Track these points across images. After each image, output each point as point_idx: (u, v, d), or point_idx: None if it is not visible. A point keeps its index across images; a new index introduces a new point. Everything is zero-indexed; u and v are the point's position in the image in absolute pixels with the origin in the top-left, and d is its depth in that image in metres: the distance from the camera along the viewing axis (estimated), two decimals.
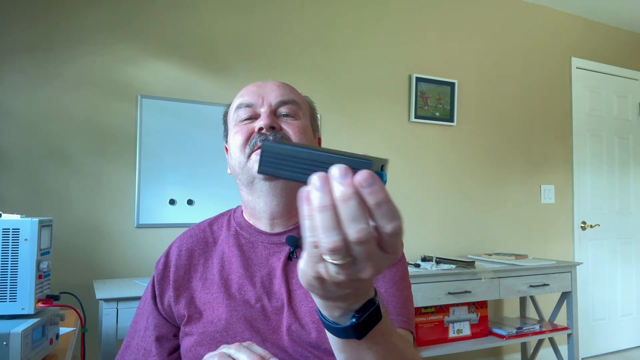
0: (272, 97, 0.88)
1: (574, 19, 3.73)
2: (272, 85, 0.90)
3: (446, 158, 3.15)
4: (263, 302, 0.84)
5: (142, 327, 0.90)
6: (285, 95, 0.89)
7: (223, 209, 1.00)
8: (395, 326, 0.77)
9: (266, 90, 0.89)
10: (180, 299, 0.86)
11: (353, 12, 2.91)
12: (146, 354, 0.87)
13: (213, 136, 2.47)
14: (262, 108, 0.88)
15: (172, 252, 0.92)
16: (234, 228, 0.93)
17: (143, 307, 0.91)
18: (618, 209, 3.83)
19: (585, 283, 3.56)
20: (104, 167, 2.27)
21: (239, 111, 0.89)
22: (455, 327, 2.70)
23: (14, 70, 2.15)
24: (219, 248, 0.91)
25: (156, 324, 0.88)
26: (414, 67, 3.07)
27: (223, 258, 0.89)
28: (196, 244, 0.92)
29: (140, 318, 0.91)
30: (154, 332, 0.88)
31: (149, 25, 2.40)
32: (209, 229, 0.95)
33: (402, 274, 0.88)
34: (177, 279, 0.88)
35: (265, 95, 0.89)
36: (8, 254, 1.09)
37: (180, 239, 0.94)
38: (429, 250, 3.00)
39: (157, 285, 0.90)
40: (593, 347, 3.60)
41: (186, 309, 0.85)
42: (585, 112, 3.72)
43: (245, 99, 0.89)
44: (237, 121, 0.89)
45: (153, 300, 0.89)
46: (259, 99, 0.88)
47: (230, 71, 2.56)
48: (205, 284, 0.87)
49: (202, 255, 0.91)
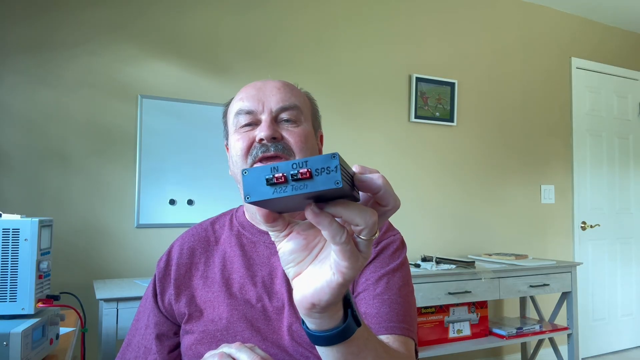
0: (273, 103, 0.85)
1: (573, 18, 3.73)
2: (272, 87, 0.87)
3: (446, 158, 3.15)
4: (264, 301, 0.84)
5: (142, 325, 0.90)
6: (286, 99, 0.86)
7: (223, 209, 1.00)
8: (397, 333, 0.77)
9: (266, 94, 0.86)
10: (180, 297, 0.87)
11: (353, 12, 2.91)
12: (146, 352, 0.88)
13: (213, 136, 2.47)
14: (262, 115, 0.85)
15: (174, 250, 0.92)
16: (236, 228, 0.93)
17: (144, 306, 0.92)
18: (618, 209, 3.83)
19: (585, 283, 3.56)
20: (104, 167, 2.27)
21: (239, 117, 0.86)
22: (455, 327, 2.70)
23: (14, 70, 2.15)
24: (221, 247, 0.91)
25: (157, 322, 0.88)
26: (414, 67, 3.07)
27: (225, 257, 0.90)
28: (198, 242, 0.92)
29: (141, 316, 0.91)
30: (155, 330, 0.88)
31: (149, 25, 2.40)
32: (210, 228, 0.95)
33: (404, 280, 0.86)
34: (178, 277, 0.89)
35: (266, 101, 0.86)
36: (8, 254, 1.09)
37: (182, 238, 0.95)
38: (429, 250, 2.99)
39: (158, 283, 0.90)
40: (593, 347, 3.60)
41: (187, 307, 0.86)
42: (585, 112, 3.72)
43: (246, 105, 0.86)
44: (238, 127, 0.87)
45: (154, 298, 0.90)
46: (259, 105, 0.85)
47: (231, 71, 2.56)
48: (206, 282, 0.87)
49: (203, 254, 0.91)
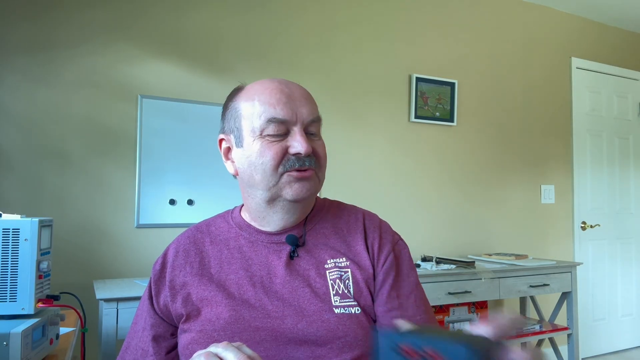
0: (305, 114, 0.85)
1: (573, 18, 3.73)
2: (301, 97, 0.86)
3: (446, 158, 3.15)
4: (263, 301, 0.84)
5: (140, 327, 0.90)
6: (314, 111, 0.87)
7: (223, 209, 1.01)
8: None
9: (297, 104, 0.85)
10: (176, 298, 0.87)
11: (353, 13, 2.91)
12: (144, 354, 0.88)
13: (213, 136, 2.46)
14: (295, 126, 0.84)
15: (170, 252, 0.93)
16: (234, 229, 0.93)
17: (141, 308, 0.92)
18: (618, 209, 3.83)
19: (585, 283, 3.56)
20: (104, 167, 2.27)
21: (270, 125, 0.83)
22: (455, 328, 2.70)
23: (14, 70, 2.15)
24: (217, 248, 0.91)
25: (153, 323, 0.88)
26: (414, 67, 3.07)
27: (221, 259, 0.89)
28: (193, 245, 0.92)
29: (139, 319, 0.92)
30: (151, 331, 0.88)
31: (149, 25, 2.40)
32: (206, 229, 0.95)
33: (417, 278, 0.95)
34: (173, 278, 0.89)
35: (298, 111, 0.84)
36: (8, 254, 1.09)
37: (178, 240, 0.95)
38: (429, 250, 2.99)
39: (154, 285, 0.90)
40: (593, 347, 3.60)
41: (183, 308, 0.86)
42: (585, 112, 3.72)
43: (280, 114, 0.83)
44: (264, 133, 0.83)
45: (149, 300, 0.90)
46: (293, 115, 0.83)
47: (230, 71, 2.56)
48: (202, 280, 0.87)
49: (198, 254, 0.91)
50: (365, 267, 0.87)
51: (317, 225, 0.92)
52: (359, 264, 0.87)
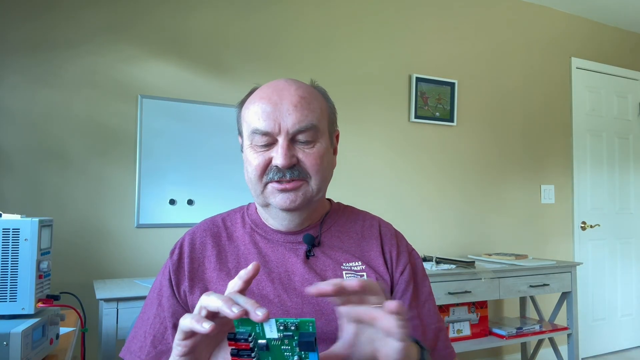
0: (289, 124, 0.82)
1: (574, 19, 3.73)
2: (289, 105, 0.83)
3: (446, 158, 3.15)
4: (282, 297, 0.84)
5: (151, 314, 0.88)
6: (302, 120, 0.83)
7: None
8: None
9: (282, 113, 0.83)
10: (194, 290, 0.86)
11: (353, 13, 2.91)
12: (155, 341, 0.85)
13: (213, 136, 2.47)
14: (279, 136, 0.83)
15: (185, 243, 0.92)
16: (249, 225, 0.93)
17: (152, 298, 0.89)
18: (618, 209, 3.83)
19: (585, 283, 3.56)
20: (104, 167, 2.27)
21: (254, 136, 0.84)
22: (455, 327, 2.70)
23: (14, 70, 2.15)
24: (234, 244, 0.91)
25: (174, 311, 0.86)
26: (414, 67, 3.07)
27: (239, 255, 0.90)
28: (209, 237, 0.92)
29: (149, 308, 0.89)
30: (172, 319, 0.85)
31: (150, 25, 2.40)
32: (222, 224, 0.95)
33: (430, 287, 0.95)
34: (191, 269, 0.88)
35: (282, 121, 0.82)
36: (8, 254, 1.09)
37: (193, 231, 0.94)
38: (429, 250, 2.99)
39: (173, 275, 0.88)
40: (593, 347, 3.60)
41: None
42: (585, 112, 3.72)
43: (262, 125, 0.83)
44: (252, 143, 0.85)
45: (171, 289, 0.88)
46: (275, 126, 0.82)
47: (231, 71, 2.56)
48: (220, 275, 0.87)
49: (215, 247, 0.91)
50: (381, 273, 0.89)
51: (332, 228, 0.94)
52: (375, 269, 0.89)
